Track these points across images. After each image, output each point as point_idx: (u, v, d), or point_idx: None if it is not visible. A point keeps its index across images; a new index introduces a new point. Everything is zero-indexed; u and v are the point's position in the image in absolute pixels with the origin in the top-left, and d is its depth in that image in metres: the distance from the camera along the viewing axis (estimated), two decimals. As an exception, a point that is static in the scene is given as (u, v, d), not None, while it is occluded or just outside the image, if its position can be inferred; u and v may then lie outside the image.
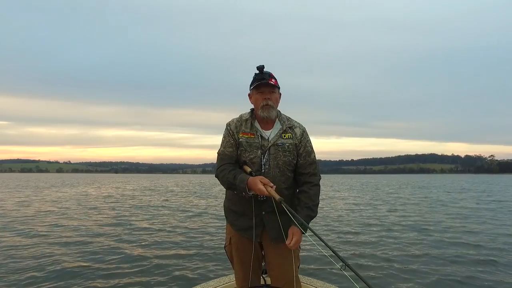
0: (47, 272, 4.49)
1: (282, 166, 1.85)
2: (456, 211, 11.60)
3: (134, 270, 4.66)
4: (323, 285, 2.39)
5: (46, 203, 14.03)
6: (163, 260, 5.16)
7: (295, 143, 1.89)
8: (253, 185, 1.70)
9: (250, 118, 1.92)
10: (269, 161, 1.84)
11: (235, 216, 1.94)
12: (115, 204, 14.05)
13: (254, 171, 1.84)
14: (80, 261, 5.03)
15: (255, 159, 1.85)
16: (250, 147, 1.86)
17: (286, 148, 1.86)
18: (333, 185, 35.55)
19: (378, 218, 9.90)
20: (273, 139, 1.87)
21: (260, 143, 1.86)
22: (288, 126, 1.92)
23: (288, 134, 1.90)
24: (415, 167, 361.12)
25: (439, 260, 5.19)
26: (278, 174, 1.84)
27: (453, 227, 8.24)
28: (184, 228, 8.00)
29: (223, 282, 2.46)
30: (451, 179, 68.22)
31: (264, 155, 1.85)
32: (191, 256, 5.47)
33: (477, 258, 5.31)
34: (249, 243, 1.90)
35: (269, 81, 1.83)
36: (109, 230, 7.67)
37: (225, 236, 2.07)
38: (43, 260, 5.02)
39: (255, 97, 1.89)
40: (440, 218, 9.94)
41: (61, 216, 10.04)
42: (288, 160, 1.86)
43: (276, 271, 1.91)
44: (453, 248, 5.99)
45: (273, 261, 1.91)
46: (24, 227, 7.88)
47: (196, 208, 12.54)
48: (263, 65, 1.84)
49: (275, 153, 1.85)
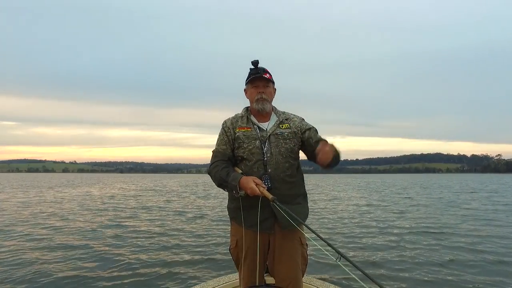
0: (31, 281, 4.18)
1: (285, 153, 1.84)
2: (471, 213, 11.11)
3: (129, 273, 4.54)
4: (322, 284, 2.36)
5: (42, 204, 13.78)
6: (163, 260, 5.12)
7: (294, 131, 1.90)
8: (245, 184, 1.69)
9: (246, 113, 1.95)
10: (270, 149, 1.83)
11: (244, 213, 1.84)
12: (114, 205, 13.78)
13: (256, 160, 1.82)
14: (79, 262, 4.90)
15: (254, 149, 1.84)
16: (248, 139, 1.86)
17: (286, 136, 1.87)
18: (340, 185, 35.01)
19: (389, 220, 9.47)
20: (271, 129, 1.88)
21: (258, 134, 1.87)
22: (284, 118, 1.95)
23: (285, 124, 1.92)
24: (420, 166, 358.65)
25: (460, 267, 4.81)
26: (281, 160, 1.82)
27: (471, 230, 7.80)
28: (184, 228, 7.83)
29: (222, 282, 2.43)
30: (458, 179, 67.27)
31: (265, 144, 1.84)
32: (190, 256, 5.42)
33: (499, 263, 4.90)
34: (257, 238, 1.82)
35: (263, 75, 1.86)
36: (105, 231, 7.34)
37: (230, 238, 2.00)
38: (25, 268, 4.70)
39: (250, 91, 1.92)
40: (456, 220, 9.48)
41: (52, 217, 9.75)
42: (290, 147, 1.86)
43: (281, 269, 1.85)
44: (472, 254, 5.57)
45: (280, 257, 1.85)
46: (11, 229, 7.61)
47: (196, 209, 12.27)
48: (257, 60, 1.87)
49: (276, 141, 1.85)
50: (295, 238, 1.86)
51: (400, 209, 12.42)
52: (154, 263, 4.99)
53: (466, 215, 10.66)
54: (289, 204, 1.72)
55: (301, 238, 1.89)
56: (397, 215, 10.57)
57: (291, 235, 1.83)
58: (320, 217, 9.96)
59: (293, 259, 1.84)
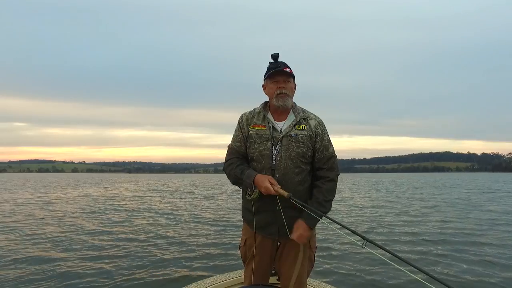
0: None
1: (295, 158, 1.76)
2: (502, 218, 10.01)
3: (127, 272, 4.48)
4: (319, 284, 2.39)
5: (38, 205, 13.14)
6: (161, 259, 5.14)
7: (310, 134, 1.81)
8: (260, 183, 1.68)
9: (263, 110, 1.88)
10: (281, 152, 1.76)
11: (252, 215, 1.83)
12: (113, 206, 13.09)
13: (264, 164, 1.77)
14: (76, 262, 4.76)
15: (264, 151, 1.78)
16: (260, 139, 1.81)
17: (299, 139, 1.78)
18: (351, 186, 33.89)
19: (415, 224, 8.44)
20: (286, 130, 1.80)
21: (271, 134, 1.80)
22: (302, 117, 1.84)
23: (302, 125, 1.82)
24: (429, 165, 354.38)
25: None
26: (291, 165, 1.75)
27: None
28: (183, 230, 7.54)
29: (219, 280, 2.45)
30: (472, 178, 65.24)
31: (276, 147, 1.78)
32: (188, 253, 5.52)
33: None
34: (266, 242, 1.85)
35: (283, 69, 1.77)
36: (99, 233, 6.70)
37: (241, 237, 2.01)
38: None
39: (269, 87, 1.83)
40: (488, 224, 8.40)
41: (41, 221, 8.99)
42: (302, 151, 1.77)
43: (286, 270, 1.82)
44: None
45: (286, 258, 1.84)
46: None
47: (197, 209, 11.70)
48: (278, 53, 1.79)
49: (287, 144, 1.77)
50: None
51: (427, 211, 11.36)
52: (153, 261, 5.03)
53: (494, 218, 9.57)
54: (303, 209, 1.70)
55: (310, 241, 1.85)
56: (426, 218, 9.53)
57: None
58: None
59: (299, 261, 1.81)
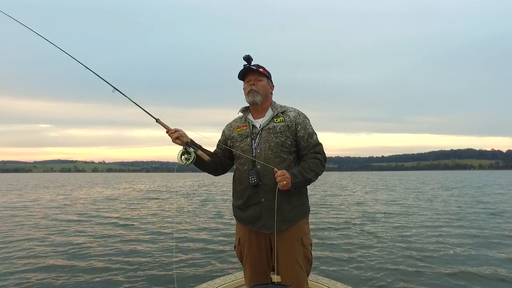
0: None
1: (274, 147, 1.81)
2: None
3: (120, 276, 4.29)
4: (329, 282, 2.34)
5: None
6: (160, 262, 5.07)
7: (288, 124, 1.86)
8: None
9: (245, 113, 1.96)
10: (260, 144, 1.82)
11: (240, 211, 1.88)
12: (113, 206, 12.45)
13: (246, 158, 1.83)
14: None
15: (245, 147, 1.85)
16: (241, 137, 1.89)
17: (277, 130, 1.84)
18: (364, 186, 32.21)
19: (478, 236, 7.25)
20: (264, 123, 1.87)
21: (250, 131, 1.88)
22: (280, 111, 1.90)
23: (280, 118, 1.88)
24: (450, 163, 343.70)
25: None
26: (271, 155, 1.80)
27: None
28: (183, 229, 7.47)
29: (228, 280, 2.39)
30: (502, 176, 61.83)
31: (255, 140, 1.84)
32: (187, 256, 5.44)
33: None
34: (259, 237, 1.85)
35: (251, 67, 1.85)
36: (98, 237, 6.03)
37: (235, 236, 1.99)
38: None
39: (244, 87, 1.92)
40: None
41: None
42: (281, 141, 1.82)
43: (282, 269, 1.81)
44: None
45: (280, 257, 1.81)
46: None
47: (198, 209, 11.03)
48: (249, 55, 1.85)
49: (266, 136, 1.83)
50: (295, 239, 1.81)
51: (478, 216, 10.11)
52: (147, 265, 4.92)
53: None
54: (287, 201, 1.75)
55: (302, 238, 1.83)
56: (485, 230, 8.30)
57: (290, 235, 1.80)
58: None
59: (294, 260, 1.79)
